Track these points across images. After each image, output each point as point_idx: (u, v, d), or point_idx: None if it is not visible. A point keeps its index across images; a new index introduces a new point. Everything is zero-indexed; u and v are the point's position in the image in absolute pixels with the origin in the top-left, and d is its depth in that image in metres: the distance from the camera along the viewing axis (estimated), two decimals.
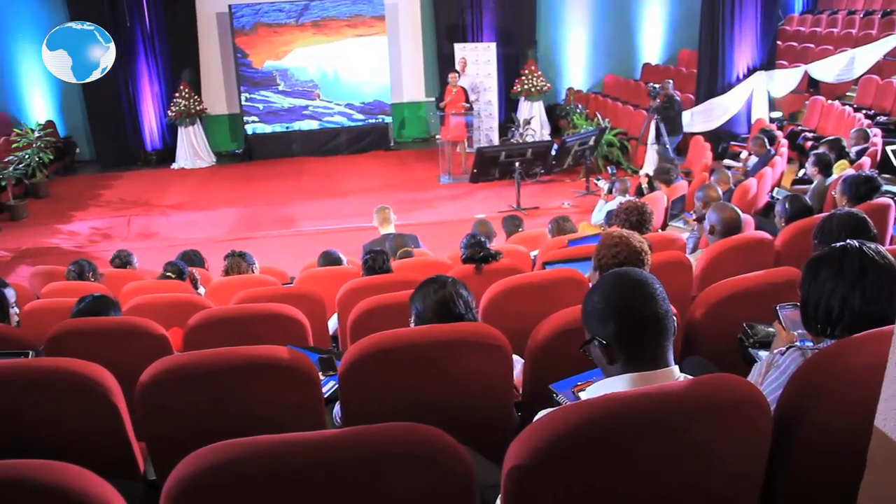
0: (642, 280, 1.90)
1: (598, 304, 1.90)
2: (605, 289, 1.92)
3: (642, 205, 4.89)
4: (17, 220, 11.94)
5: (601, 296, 1.91)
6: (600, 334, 1.87)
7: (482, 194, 11.68)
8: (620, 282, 1.91)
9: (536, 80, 14.86)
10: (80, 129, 15.57)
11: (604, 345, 1.86)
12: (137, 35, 14.74)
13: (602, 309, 1.88)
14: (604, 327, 1.87)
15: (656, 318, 1.84)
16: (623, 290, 1.89)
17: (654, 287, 1.88)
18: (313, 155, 15.27)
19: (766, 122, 11.78)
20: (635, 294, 1.86)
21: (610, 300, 1.88)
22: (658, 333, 1.84)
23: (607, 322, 1.86)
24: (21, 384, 2.57)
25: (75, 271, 6.00)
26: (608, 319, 1.86)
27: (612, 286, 1.91)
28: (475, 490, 1.66)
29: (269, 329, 3.55)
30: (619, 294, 1.88)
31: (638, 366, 1.83)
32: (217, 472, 1.56)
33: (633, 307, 1.85)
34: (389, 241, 6.69)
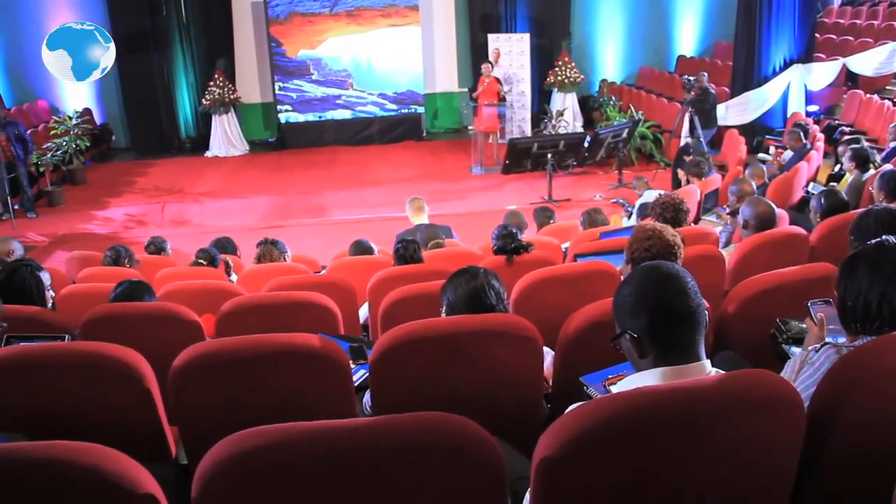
0: (674, 273, 1.87)
1: (629, 297, 1.88)
2: (636, 282, 1.90)
3: (679, 201, 4.85)
4: (54, 206, 12.12)
5: (633, 289, 1.89)
6: (631, 328, 1.85)
7: (514, 185, 11.65)
8: (652, 275, 1.89)
9: (570, 71, 14.76)
10: (117, 116, 15.76)
11: (635, 338, 1.84)
12: (174, 24, 14.88)
13: (633, 302, 1.86)
14: (635, 321, 1.85)
15: (688, 311, 1.82)
16: (655, 284, 1.86)
17: (687, 281, 1.86)
18: (346, 144, 15.32)
19: (803, 116, 11.61)
20: (667, 288, 1.84)
21: (642, 293, 1.86)
22: (690, 327, 1.82)
23: (639, 315, 1.84)
24: (57, 367, 2.62)
25: (111, 257, 6.06)
26: (640, 313, 1.84)
27: (644, 279, 1.89)
28: (505, 481, 1.66)
29: (301, 317, 3.57)
30: (650, 287, 1.86)
31: (669, 360, 1.81)
32: (248, 457, 1.57)
33: (665, 301, 1.83)
34: (421, 232, 6.69)
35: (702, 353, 1.84)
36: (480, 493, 1.65)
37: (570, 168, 11.63)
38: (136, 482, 1.60)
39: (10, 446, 1.67)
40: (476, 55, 15.24)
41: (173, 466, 2.74)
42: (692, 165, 8.50)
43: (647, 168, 12.08)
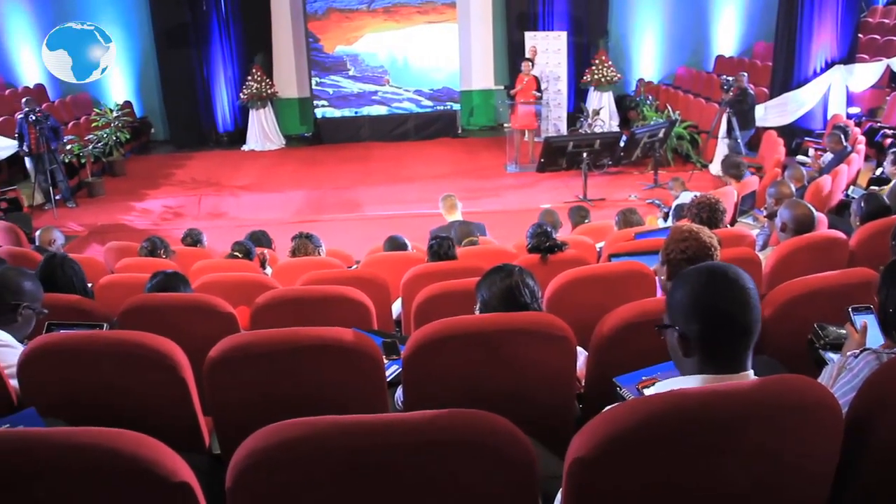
0: (739, 283, 1.79)
1: (685, 299, 1.82)
2: (695, 284, 1.83)
3: (715, 201, 4.81)
4: (94, 197, 12.29)
5: (690, 291, 1.82)
6: (682, 328, 1.82)
7: (549, 184, 11.61)
8: (713, 280, 1.81)
9: (607, 70, 14.68)
10: (156, 109, 15.95)
11: (683, 337, 1.81)
12: (213, 19, 15.01)
13: (689, 305, 1.81)
14: (687, 324, 1.81)
15: (745, 327, 1.77)
16: (716, 291, 1.79)
17: (749, 293, 1.79)
18: (381, 140, 15.37)
19: (843, 117, 11.43)
20: (728, 297, 1.78)
21: (700, 298, 1.80)
22: (743, 341, 1.78)
23: (692, 320, 1.80)
24: (95, 355, 2.66)
25: (148, 248, 6.14)
26: (693, 317, 1.79)
27: (704, 283, 1.81)
28: (537, 480, 1.66)
29: (335, 311, 3.59)
30: (710, 295, 1.79)
31: (715, 368, 1.78)
32: (283, 449, 1.58)
33: (723, 311, 1.77)
34: (455, 229, 6.70)
35: (748, 363, 1.80)
36: (512, 492, 1.65)
37: (605, 167, 11.56)
38: (172, 470, 1.62)
39: (50, 431, 1.70)
40: (513, 53, 15.22)
41: (206, 456, 2.76)
42: (730, 166, 8.42)
43: (683, 169, 11.98)
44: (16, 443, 1.65)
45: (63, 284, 3.93)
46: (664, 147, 11.87)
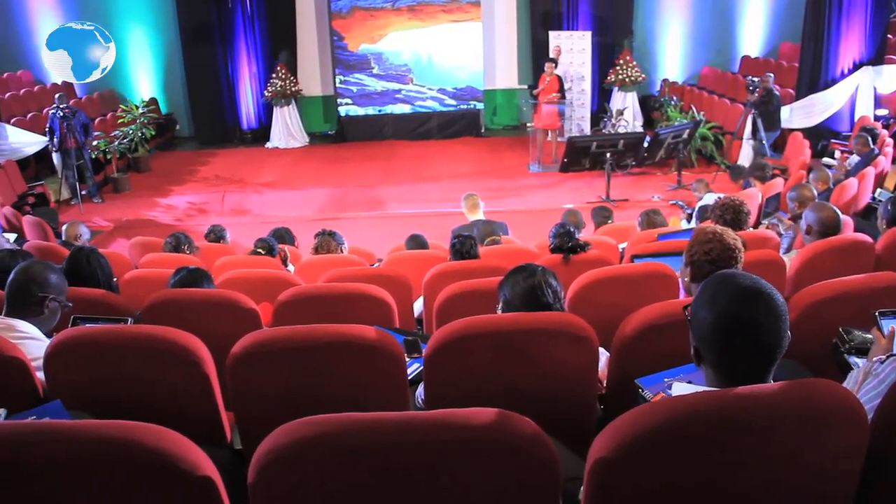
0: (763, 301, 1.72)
1: (705, 319, 1.77)
2: (714, 295, 1.77)
3: (739, 203, 4.77)
4: (119, 193, 12.41)
5: (708, 301, 1.77)
6: (697, 343, 1.79)
7: (571, 184, 11.58)
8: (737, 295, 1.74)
9: (631, 70, 14.61)
10: (181, 106, 16.07)
11: (697, 351, 1.79)
12: (238, 16, 15.09)
13: (707, 329, 1.76)
14: (702, 344, 1.78)
15: (762, 349, 1.72)
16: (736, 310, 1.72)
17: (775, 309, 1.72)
18: (404, 139, 15.39)
19: (871, 119, 11.31)
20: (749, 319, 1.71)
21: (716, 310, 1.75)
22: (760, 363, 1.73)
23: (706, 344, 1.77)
24: (119, 349, 2.68)
25: (172, 243, 6.19)
26: (707, 342, 1.76)
27: (724, 296, 1.75)
28: (559, 481, 1.65)
29: (357, 309, 3.60)
30: (729, 311, 1.73)
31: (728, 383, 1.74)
32: (305, 445, 1.59)
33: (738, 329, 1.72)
34: (478, 228, 6.70)
35: (768, 380, 1.76)
36: (534, 492, 1.65)
37: (628, 168, 11.52)
38: (195, 464, 1.63)
39: (76, 423, 1.72)
40: (537, 52, 15.18)
41: (228, 451, 2.78)
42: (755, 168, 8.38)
43: (707, 170, 11.91)
44: (43, 434, 1.67)
45: (89, 277, 3.97)
46: (688, 148, 11.81)
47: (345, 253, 6.02)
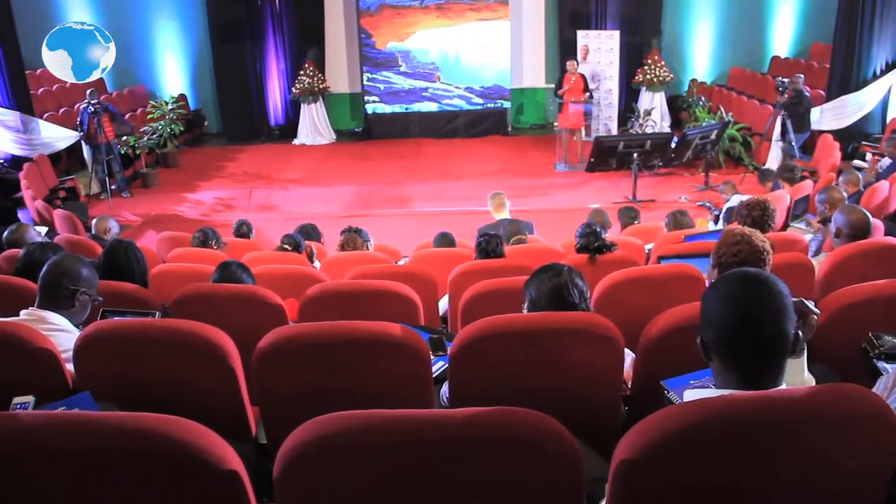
0: (764, 293, 1.74)
1: (711, 306, 1.80)
2: (722, 293, 1.79)
3: (765, 201, 4.74)
4: (148, 188, 12.53)
5: (716, 299, 1.79)
6: (703, 336, 1.80)
7: (598, 184, 11.53)
8: (740, 291, 1.77)
9: (659, 70, 14.52)
10: (210, 102, 16.20)
11: (702, 342, 1.80)
12: (267, 13, 15.18)
13: (712, 315, 1.78)
14: (707, 331, 1.79)
15: (768, 343, 1.73)
16: (738, 303, 1.75)
17: (777, 302, 1.73)
18: (431, 137, 15.40)
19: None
20: (750, 310, 1.73)
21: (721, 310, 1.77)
22: (767, 358, 1.74)
23: (711, 330, 1.78)
24: (147, 342, 2.71)
25: (200, 238, 6.24)
26: (712, 328, 1.78)
27: (730, 294, 1.77)
28: (583, 482, 1.65)
29: (382, 306, 3.61)
30: (733, 306, 1.75)
31: (736, 383, 1.75)
32: (331, 441, 1.60)
33: (741, 324, 1.73)
34: (504, 227, 6.69)
35: (780, 380, 1.76)
36: (558, 492, 1.64)
37: (655, 168, 11.45)
38: (221, 458, 1.64)
39: (105, 415, 1.74)
40: (564, 51, 15.11)
41: (252, 445, 2.80)
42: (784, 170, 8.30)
43: (735, 171, 11.81)
44: (72, 425, 1.69)
45: (125, 270, 4.01)
46: (716, 149, 11.71)
47: (370, 250, 6.03)
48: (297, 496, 1.67)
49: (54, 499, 1.70)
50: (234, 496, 1.68)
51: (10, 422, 1.69)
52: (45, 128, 11.79)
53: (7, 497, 1.70)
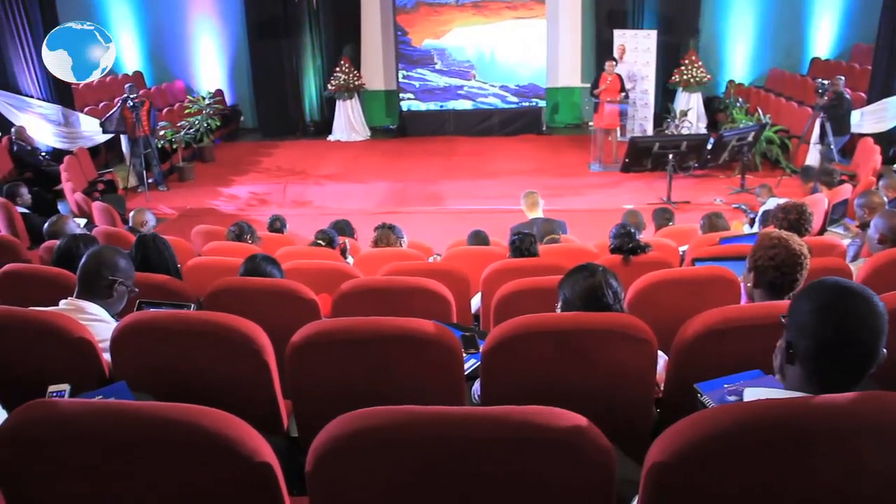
0: (868, 312, 1.72)
1: (807, 314, 1.77)
2: (823, 304, 1.76)
3: (801, 204, 4.68)
4: (184, 181, 12.66)
5: (816, 309, 1.76)
6: (793, 338, 1.77)
7: (632, 185, 11.45)
8: (843, 306, 1.74)
9: (696, 70, 14.36)
10: (246, 98, 16.33)
11: (789, 346, 1.78)
12: (304, 10, 15.25)
13: (809, 324, 1.75)
14: (800, 338, 1.76)
15: (861, 360, 1.72)
16: (841, 319, 1.72)
17: (877, 322, 1.72)
18: (465, 135, 15.38)
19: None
20: (852, 327, 1.71)
21: (821, 322, 1.74)
22: (854, 373, 1.73)
23: (805, 338, 1.75)
24: (182, 334, 2.74)
25: (235, 232, 6.29)
26: (807, 333, 1.75)
27: (833, 307, 1.74)
28: (615, 483, 1.64)
29: (415, 302, 3.61)
30: (835, 320, 1.73)
31: (812, 391, 1.73)
32: (365, 436, 1.61)
33: (842, 341, 1.72)
34: (537, 226, 6.68)
35: None
36: (590, 493, 1.64)
37: (691, 170, 11.34)
38: (254, 450, 1.66)
39: (142, 405, 1.76)
40: (601, 51, 15.01)
41: (284, 438, 2.82)
42: (822, 173, 8.19)
43: (771, 174, 11.65)
44: (111, 414, 1.71)
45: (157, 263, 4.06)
46: (753, 151, 11.58)
47: (404, 247, 6.05)
48: (328, 490, 1.68)
49: (89, 485, 1.72)
50: (266, 488, 1.69)
51: (49, 409, 1.71)
52: (84, 121, 11.97)
53: (45, 482, 1.73)
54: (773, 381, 2.07)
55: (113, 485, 1.72)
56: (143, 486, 1.71)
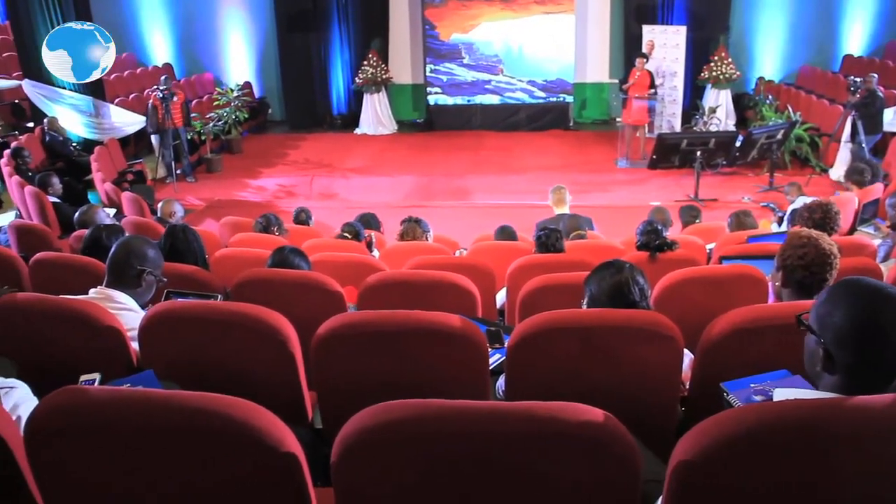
0: None
1: (842, 321, 1.72)
2: (858, 310, 1.71)
3: (828, 203, 4.63)
4: (212, 173, 12.77)
5: (851, 316, 1.71)
6: (831, 348, 1.73)
7: (659, 181, 11.39)
8: (882, 312, 1.69)
9: (726, 67, 14.22)
10: (274, 90, 16.42)
11: (828, 355, 1.74)
12: (332, 4, 15.31)
13: (846, 331, 1.71)
14: (838, 347, 1.72)
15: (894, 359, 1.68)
16: (880, 328, 1.68)
17: None
18: (492, 129, 15.37)
19: None
20: (890, 334, 1.67)
21: (861, 329, 1.69)
22: (889, 376, 1.69)
23: (846, 347, 1.71)
24: (210, 324, 2.75)
25: (262, 224, 6.32)
26: (847, 345, 1.71)
27: (871, 313, 1.69)
28: (640, 481, 1.63)
29: (441, 296, 3.61)
30: (874, 329, 1.68)
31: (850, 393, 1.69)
32: (391, 428, 1.61)
33: (881, 348, 1.68)
34: (564, 222, 6.65)
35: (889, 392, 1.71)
36: (615, 490, 1.63)
37: (718, 167, 11.26)
38: (280, 440, 1.67)
39: (169, 393, 1.77)
40: (629, 46, 14.91)
41: (308, 429, 2.83)
42: (853, 172, 8.08)
43: (801, 173, 11.53)
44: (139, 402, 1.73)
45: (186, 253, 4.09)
46: (782, 149, 11.46)
47: (430, 241, 6.05)
48: (353, 481, 1.69)
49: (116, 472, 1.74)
50: (291, 478, 1.70)
51: (79, 396, 1.73)
52: (115, 112, 12.09)
53: (74, 468, 1.75)
54: (800, 382, 2.05)
55: (140, 472, 1.74)
56: (169, 474, 1.73)
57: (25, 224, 6.79)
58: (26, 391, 2.17)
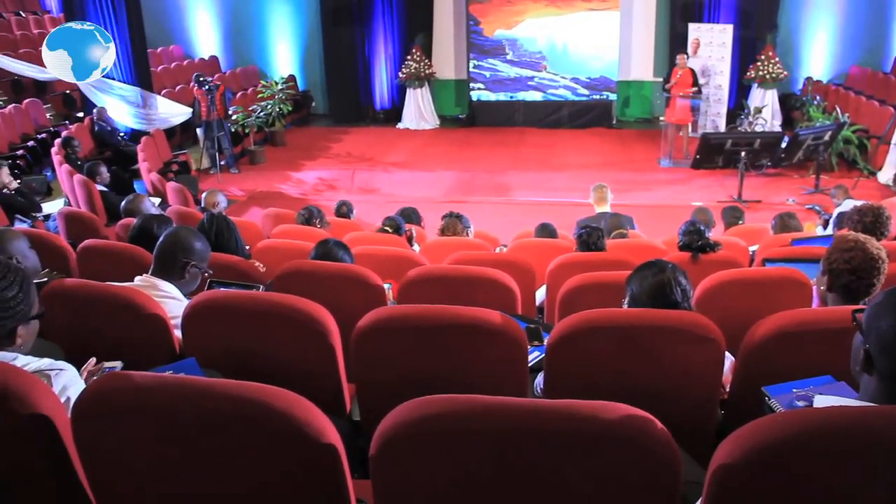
0: None
1: (887, 327, 1.69)
2: None
3: (879, 206, 4.54)
4: (255, 165, 12.90)
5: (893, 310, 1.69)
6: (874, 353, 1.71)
7: (702, 182, 11.28)
8: None
9: (773, 66, 14.00)
10: (318, 84, 16.53)
11: (868, 360, 1.71)
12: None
13: (889, 338, 1.67)
14: (879, 352, 1.69)
15: None
16: None
17: None
18: (534, 126, 15.33)
19: None
20: None
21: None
22: None
23: (886, 353, 1.68)
24: (252, 314, 2.79)
25: (305, 216, 6.37)
26: (888, 352, 1.67)
27: None
28: (681, 484, 1.62)
29: (481, 292, 3.60)
30: None
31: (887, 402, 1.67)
32: (431, 422, 1.61)
33: None
34: (605, 220, 6.62)
35: None
36: (655, 491, 1.62)
37: (763, 168, 11.11)
38: (320, 431, 1.68)
39: (212, 381, 1.80)
40: (674, 44, 14.75)
41: (346, 421, 2.85)
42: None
43: (848, 175, 11.33)
44: (182, 389, 1.76)
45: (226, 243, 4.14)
46: (829, 151, 11.26)
47: (470, 236, 6.06)
48: (392, 474, 1.70)
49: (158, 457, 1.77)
50: (331, 469, 1.71)
51: (125, 381, 1.76)
52: (161, 104, 12.26)
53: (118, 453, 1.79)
54: (844, 389, 2.02)
55: (181, 457, 1.76)
56: (210, 460, 1.75)
57: (74, 211, 6.93)
58: (74, 374, 2.22)
